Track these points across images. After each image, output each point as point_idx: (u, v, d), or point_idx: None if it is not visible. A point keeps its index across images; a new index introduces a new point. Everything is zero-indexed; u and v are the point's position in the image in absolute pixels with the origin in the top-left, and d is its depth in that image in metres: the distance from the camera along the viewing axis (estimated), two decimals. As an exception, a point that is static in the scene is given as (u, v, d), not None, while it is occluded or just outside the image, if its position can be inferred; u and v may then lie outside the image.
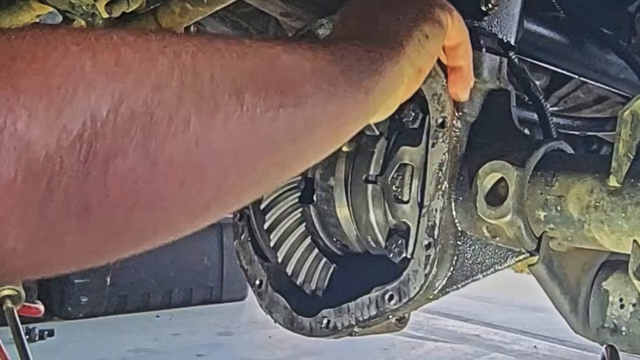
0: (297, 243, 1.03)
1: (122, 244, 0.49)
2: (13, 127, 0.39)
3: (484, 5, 0.91)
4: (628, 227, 0.76)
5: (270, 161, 0.55)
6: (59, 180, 0.41)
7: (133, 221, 0.46)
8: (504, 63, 0.91)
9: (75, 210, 0.43)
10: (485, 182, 0.83)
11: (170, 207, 0.48)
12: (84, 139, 0.41)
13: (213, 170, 0.49)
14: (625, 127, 0.77)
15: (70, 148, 0.41)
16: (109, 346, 4.27)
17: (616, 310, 0.96)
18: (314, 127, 0.57)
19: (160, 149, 0.45)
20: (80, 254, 0.46)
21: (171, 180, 0.46)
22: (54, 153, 0.40)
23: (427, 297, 0.90)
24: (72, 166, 0.41)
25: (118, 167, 0.43)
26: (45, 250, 0.44)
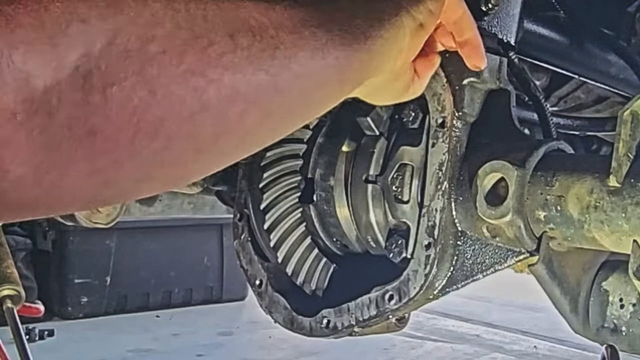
0: (297, 243, 1.03)
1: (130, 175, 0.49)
2: (10, 59, 0.41)
3: (484, 5, 0.91)
4: (628, 227, 0.76)
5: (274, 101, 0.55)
6: (59, 108, 0.43)
7: (138, 147, 0.48)
8: (504, 63, 0.91)
9: (78, 135, 0.45)
10: (485, 182, 0.83)
11: (173, 135, 0.49)
12: (80, 71, 0.44)
13: (213, 99, 0.50)
14: (625, 127, 0.77)
15: (67, 79, 0.43)
16: (109, 346, 4.26)
17: (616, 310, 0.96)
18: (315, 70, 0.58)
19: (157, 78, 0.47)
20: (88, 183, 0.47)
21: (172, 107, 0.48)
22: (52, 84, 0.43)
23: (427, 297, 0.90)
24: (71, 95, 0.44)
25: (116, 95, 0.45)
26: (52, 177, 0.45)
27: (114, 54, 0.45)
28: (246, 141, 0.57)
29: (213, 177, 1.28)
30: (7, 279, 1.41)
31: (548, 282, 0.90)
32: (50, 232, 4.71)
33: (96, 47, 0.44)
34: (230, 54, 0.51)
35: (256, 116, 0.55)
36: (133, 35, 0.46)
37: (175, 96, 0.48)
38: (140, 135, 0.47)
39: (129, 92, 0.46)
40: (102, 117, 0.45)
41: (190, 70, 0.48)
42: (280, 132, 0.62)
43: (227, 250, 5.31)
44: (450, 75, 0.87)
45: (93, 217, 1.45)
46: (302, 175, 1.04)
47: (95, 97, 0.45)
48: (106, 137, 0.46)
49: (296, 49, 0.56)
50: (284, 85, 0.55)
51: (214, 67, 0.50)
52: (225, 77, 0.50)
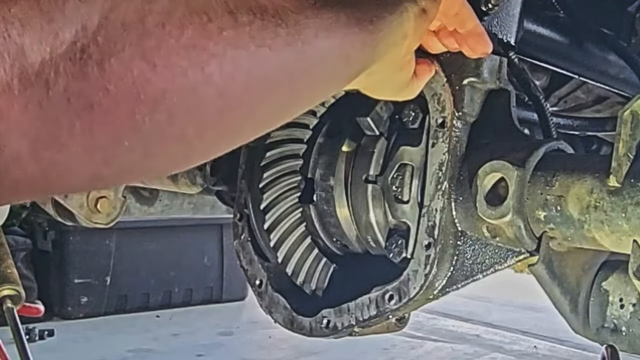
0: (297, 243, 1.03)
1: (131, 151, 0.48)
2: (7, 33, 0.41)
3: (484, 5, 0.91)
4: (628, 227, 0.76)
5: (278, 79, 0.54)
6: (56, 81, 0.43)
7: (138, 121, 0.47)
8: (504, 63, 0.91)
9: (76, 109, 0.44)
10: (485, 182, 0.83)
11: (175, 109, 0.48)
12: (78, 46, 0.44)
13: (216, 73, 0.49)
14: (625, 127, 0.77)
15: (64, 53, 0.43)
16: (109, 346, 4.26)
17: (616, 310, 0.96)
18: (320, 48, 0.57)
19: (156, 51, 0.46)
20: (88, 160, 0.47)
21: (172, 80, 0.47)
22: (48, 59, 0.43)
23: (427, 297, 0.90)
24: (69, 69, 0.43)
25: (114, 66, 0.45)
26: (50, 152, 0.45)
27: (111, 28, 0.45)
28: (251, 119, 0.56)
29: (213, 177, 1.29)
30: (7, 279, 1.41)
31: (548, 282, 0.90)
32: (50, 232, 4.71)
33: (93, 22, 0.44)
34: (231, 30, 0.50)
35: (260, 93, 0.54)
36: (130, 9, 0.46)
37: (176, 68, 0.47)
38: (140, 108, 0.46)
39: (128, 63, 0.45)
40: (101, 89, 0.45)
41: (191, 44, 0.48)
42: (286, 113, 0.61)
43: (227, 250, 5.32)
44: (450, 75, 0.87)
45: (93, 217, 1.45)
46: (302, 175, 1.04)
47: (92, 69, 0.44)
48: (105, 111, 0.45)
49: (299, 26, 0.55)
50: (288, 62, 0.54)
51: (215, 42, 0.49)
52: (227, 52, 0.49)
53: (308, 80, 0.58)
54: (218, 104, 0.51)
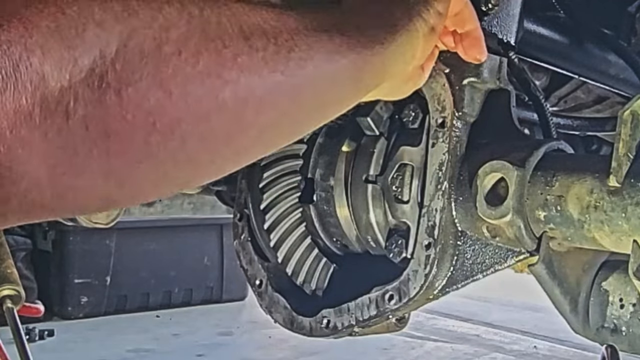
0: (297, 243, 1.03)
1: (145, 176, 0.50)
2: (28, 61, 0.42)
3: (484, 5, 0.91)
4: (628, 227, 0.76)
5: (289, 102, 0.56)
6: (75, 109, 0.44)
7: (153, 148, 0.48)
8: (504, 63, 0.91)
9: (94, 136, 0.45)
10: (485, 182, 0.83)
11: (188, 136, 0.49)
12: (96, 73, 0.44)
13: (230, 101, 0.50)
14: (625, 127, 0.77)
15: (83, 81, 0.44)
16: (109, 346, 4.26)
17: (616, 310, 0.96)
18: (330, 72, 0.58)
19: (173, 79, 0.47)
20: (103, 184, 0.48)
21: (187, 108, 0.48)
22: (68, 86, 0.43)
23: (427, 297, 0.90)
24: (87, 97, 0.44)
25: (132, 95, 0.46)
26: (68, 178, 0.46)
27: (129, 56, 0.46)
28: (261, 141, 0.57)
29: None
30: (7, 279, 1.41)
31: (548, 282, 0.90)
32: (50, 232, 4.71)
33: (111, 49, 0.45)
34: (246, 56, 0.51)
35: (271, 116, 0.55)
36: (148, 38, 0.47)
37: (191, 96, 0.48)
38: (155, 136, 0.48)
39: (145, 92, 0.46)
40: (118, 117, 0.46)
41: (206, 71, 0.49)
42: (296, 134, 0.62)
43: (227, 250, 5.31)
44: (450, 75, 0.87)
45: (93, 217, 1.45)
46: (302, 175, 1.04)
47: (111, 97, 0.45)
48: (122, 138, 0.46)
49: (312, 51, 0.56)
50: (300, 87, 0.56)
51: (230, 68, 0.50)
52: (241, 78, 0.51)
53: (319, 102, 0.60)
54: (230, 129, 0.52)
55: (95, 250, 4.78)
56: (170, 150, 0.49)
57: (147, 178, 0.50)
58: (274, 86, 0.53)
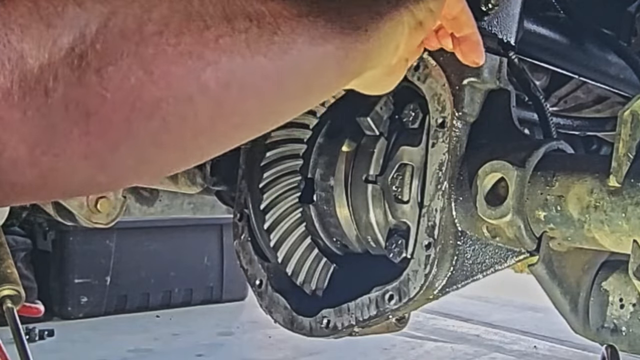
0: (297, 243, 1.03)
1: (126, 158, 0.49)
2: (6, 39, 0.42)
3: (484, 5, 0.91)
4: (628, 227, 0.76)
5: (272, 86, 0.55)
6: (55, 88, 0.44)
7: (134, 128, 0.47)
8: (504, 63, 0.91)
9: (74, 116, 0.45)
10: (485, 182, 0.83)
11: (170, 117, 0.49)
12: (76, 52, 0.44)
13: (211, 82, 0.50)
14: (625, 127, 0.77)
15: (63, 60, 0.44)
16: (109, 346, 4.26)
17: (616, 310, 0.96)
18: (314, 56, 0.58)
19: (154, 59, 0.47)
20: (84, 166, 0.47)
21: (168, 88, 0.48)
22: (47, 64, 0.43)
23: (427, 297, 0.90)
24: (67, 76, 0.44)
25: (112, 74, 0.45)
26: (48, 159, 0.45)
27: (109, 35, 0.45)
28: (245, 125, 0.57)
29: (213, 177, 1.28)
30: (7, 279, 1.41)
31: (548, 282, 0.90)
32: (50, 232, 4.71)
33: (91, 29, 0.45)
34: (228, 37, 0.50)
35: (254, 100, 0.55)
36: (129, 17, 0.46)
37: (172, 77, 0.48)
38: (136, 116, 0.47)
39: (125, 72, 0.46)
40: (98, 97, 0.45)
41: (188, 52, 0.48)
42: (279, 118, 0.62)
43: (227, 250, 5.31)
44: (450, 75, 0.87)
45: (93, 217, 1.45)
46: (302, 175, 1.04)
47: (91, 77, 0.45)
48: (102, 118, 0.46)
49: (295, 35, 0.55)
50: (283, 71, 0.55)
51: (212, 50, 0.50)
52: (223, 59, 0.50)
53: (301, 86, 0.59)
54: (212, 111, 0.52)
55: (95, 250, 4.78)
56: (151, 131, 0.49)
57: (129, 160, 0.50)
58: (256, 69, 0.53)
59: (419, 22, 0.70)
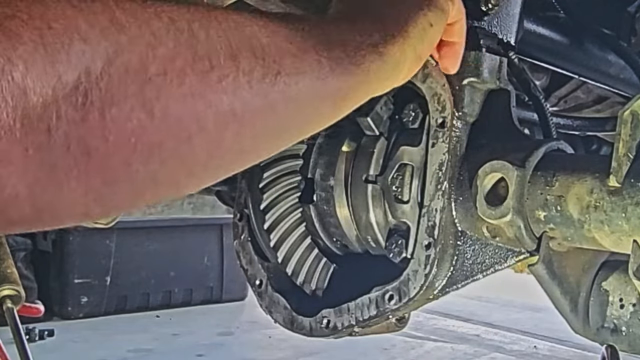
0: (297, 243, 1.03)
1: (123, 194, 0.50)
2: (10, 75, 0.41)
3: (484, 5, 0.91)
4: (628, 227, 0.76)
5: (269, 124, 0.56)
6: (57, 127, 0.43)
7: (133, 169, 0.48)
8: (504, 63, 0.91)
9: (74, 155, 0.44)
10: (485, 182, 0.83)
11: (168, 157, 0.49)
12: (80, 90, 0.43)
13: (210, 123, 0.50)
14: (625, 127, 0.77)
15: (66, 97, 0.43)
16: (109, 346, 4.26)
17: (616, 310, 0.96)
18: (313, 97, 0.59)
19: (157, 100, 0.47)
20: (81, 201, 0.47)
21: (169, 130, 0.48)
22: (50, 102, 0.42)
23: (427, 297, 0.90)
24: (70, 114, 0.43)
25: (115, 115, 0.45)
26: (47, 195, 0.45)
27: (114, 74, 0.45)
28: (239, 160, 0.58)
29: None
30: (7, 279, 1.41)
31: (548, 282, 0.90)
32: (50, 232, 4.70)
33: (96, 67, 0.44)
34: (231, 78, 0.51)
35: (251, 138, 0.55)
36: (134, 55, 0.46)
37: (173, 118, 0.48)
38: (136, 157, 0.47)
39: (128, 113, 0.46)
40: (100, 137, 0.45)
41: (190, 93, 0.48)
42: (274, 150, 0.63)
43: (227, 250, 5.32)
44: (450, 75, 0.87)
45: (93, 217, 1.44)
46: (302, 175, 1.04)
47: (94, 117, 0.44)
48: (102, 158, 0.46)
49: (298, 75, 0.56)
50: (282, 110, 0.56)
51: (214, 91, 0.50)
52: (224, 101, 0.51)
53: (300, 123, 0.60)
54: (210, 150, 0.52)
55: (95, 250, 4.78)
56: (149, 170, 0.49)
57: (125, 196, 0.50)
58: (256, 110, 0.53)
59: (419, 56, 0.71)
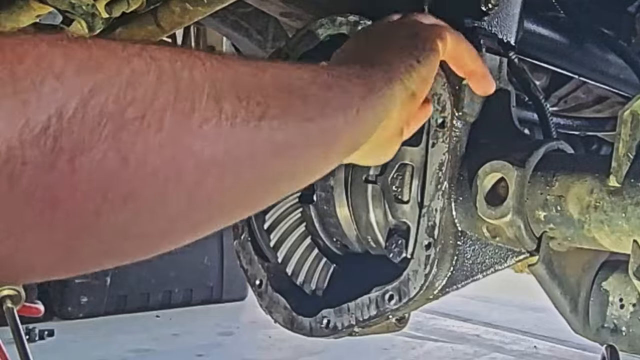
0: (297, 243, 1.03)
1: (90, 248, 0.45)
2: None
3: (484, 5, 0.91)
4: (628, 227, 0.76)
5: (253, 174, 0.51)
6: (22, 173, 0.39)
7: (103, 220, 0.43)
8: (504, 63, 0.91)
9: (40, 205, 0.40)
10: (485, 182, 0.83)
11: (142, 208, 0.45)
12: (49, 134, 0.39)
13: (189, 173, 0.46)
14: (625, 127, 0.77)
15: (33, 142, 0.39)
16: (109, 346, 4.27)
17: (616, 310, 0.96)
18: (300, 142, 0.54)
19: (132, 147, 0.42)
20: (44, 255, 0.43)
21: (144, 179, 0.44)
22: (16, 146, 0.38)
23: (427, 297, 0.90)
24: (36, 160, 0.39)
25: (85, 162, 0.41)
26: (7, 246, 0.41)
27: (88, 116, 0.40)
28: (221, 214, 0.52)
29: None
30: (7, 279, 1.40)
31: (548, 282, 0.90)
32: (51, 232, 4.70)
33: (69, 108, 0.40)
34: (213, 122, 0.46)
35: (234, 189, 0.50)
36: (111, 96, 0.41)
37: (149, 167, 0.43)
38: (106, 208, 0.43)
39: (100, 160, 0.41)
40: (68, 186, 0.40)
41: (169, 139, 0.44)
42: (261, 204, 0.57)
43: (227, 250, 5.31)
44: (450, 75, 0.87)
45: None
46: (302, 175, 1.04)
47: (62, 163, 0.40)
48: (70, 209, 0.41)
49: (282, 120, 0.51)
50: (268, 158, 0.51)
51: (194, 137, 0.45)
52: (204, 148, 0.46)
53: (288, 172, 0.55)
54: (188, 203, 0.47)
55: (95, 250, 4.77)
56: (120, 223, 0.44)
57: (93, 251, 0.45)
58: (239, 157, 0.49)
59: (412, 93, 0.68)
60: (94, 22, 1.17)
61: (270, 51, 1.44)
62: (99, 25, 1.17)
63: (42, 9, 1.19)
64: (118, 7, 1.11)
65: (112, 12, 1.11)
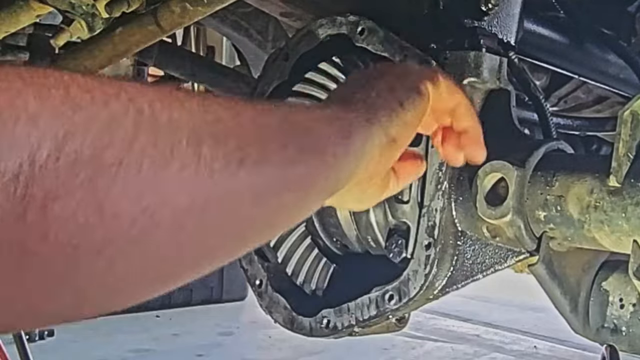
0: (297, 243, 1.03)
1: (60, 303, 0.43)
2: None
3: (484, 5, 0.91)
4: (628, 227, 0.76)
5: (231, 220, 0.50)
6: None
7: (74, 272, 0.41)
8: (504, 63, 0.91)
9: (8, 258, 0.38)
10: (485, 182, 0.83)
11: (116, 260, 0.42)
12: (20, 181, 0.36)
13: (166, 221, 0.44)
14: (625, 127, 0.77)
15: (2, 189, 0.36)
16: (109, 346, 4.27)
17: (616, 310, 0.96)
18: (278, 188, 0.53)
19: (107, 195, 0.40)
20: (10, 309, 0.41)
21: (119, 228, 0.41)
22: None
23: (427, 297, 0.90)
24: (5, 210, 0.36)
25: (57, 212, 0.38)
26: None
27: (62, 163, 0.38)
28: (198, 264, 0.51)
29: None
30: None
31: (548, 282, 0.90)
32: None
33: (42, 153, 0.37)
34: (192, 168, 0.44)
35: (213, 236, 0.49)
36: (87, 141, 0.39)
37: (124, 215, 0.41)
38: (79, 258, 0.40)
39: (74, 209, 0.39)
40: (38, 238, 0.38)
41: (147, 185, 0.42)
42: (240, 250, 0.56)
43: (227, 250, 5.31)
44: (450, 75, 0.87)
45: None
46: (302, 175, 1.04)
47: (33, 213, 0.37)
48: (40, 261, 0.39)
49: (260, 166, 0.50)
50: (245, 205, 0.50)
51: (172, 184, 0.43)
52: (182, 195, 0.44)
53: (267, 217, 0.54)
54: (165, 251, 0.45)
55: (95, 250, 4.78)
56: (94, 274, 0.42)
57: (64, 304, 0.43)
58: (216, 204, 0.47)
59: (392, 138, 0.65)
60: (94, 22, 1.17)
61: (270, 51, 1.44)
62: (99, 25, 1.18)
63: (42, 9, 1.19)
64: (118, 7, 1.11)
65: (112, 12, 1.11)
